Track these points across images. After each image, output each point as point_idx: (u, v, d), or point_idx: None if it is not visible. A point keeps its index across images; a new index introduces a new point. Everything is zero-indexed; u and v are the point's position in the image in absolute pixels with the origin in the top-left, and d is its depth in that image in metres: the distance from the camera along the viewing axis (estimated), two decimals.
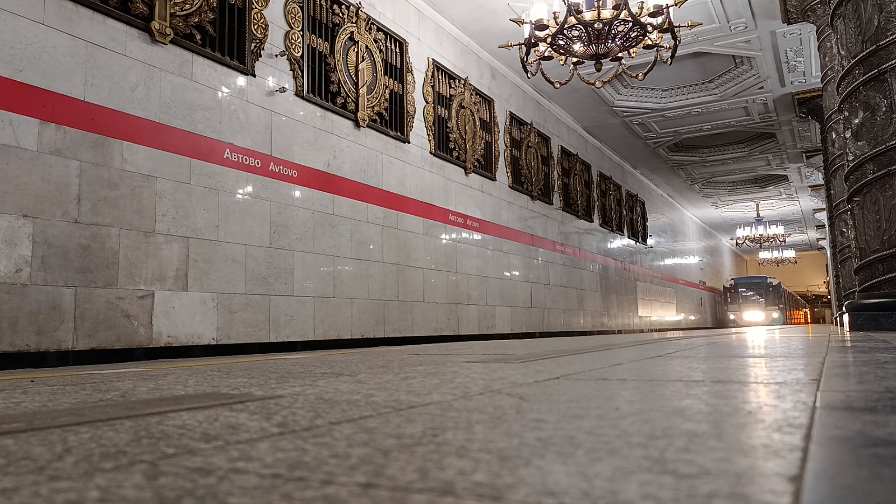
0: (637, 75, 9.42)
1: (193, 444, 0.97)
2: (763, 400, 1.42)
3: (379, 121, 9.42)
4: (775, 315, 33.93)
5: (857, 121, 6.12)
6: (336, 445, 0.95)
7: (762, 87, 14.87)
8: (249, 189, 7.26)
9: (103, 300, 5.87)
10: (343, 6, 8.88)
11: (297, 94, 8.02)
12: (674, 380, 1.93)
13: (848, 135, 6.37)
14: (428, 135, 10.55)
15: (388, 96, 9.63)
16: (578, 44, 8.34)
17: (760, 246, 31.88)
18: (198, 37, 6.81)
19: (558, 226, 15.31)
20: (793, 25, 11.53)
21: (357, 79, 9.00)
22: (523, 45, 8.58)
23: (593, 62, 8.59)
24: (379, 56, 9.48)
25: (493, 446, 0.93)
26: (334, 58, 8.62)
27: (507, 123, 13.26)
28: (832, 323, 19.46)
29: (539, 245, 14.23)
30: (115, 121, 6.05)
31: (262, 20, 7.58)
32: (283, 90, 7.78)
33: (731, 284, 35.61)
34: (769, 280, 35.56)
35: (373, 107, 9.24)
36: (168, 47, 6.55)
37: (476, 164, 11.85)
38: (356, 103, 8.93)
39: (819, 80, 12.40)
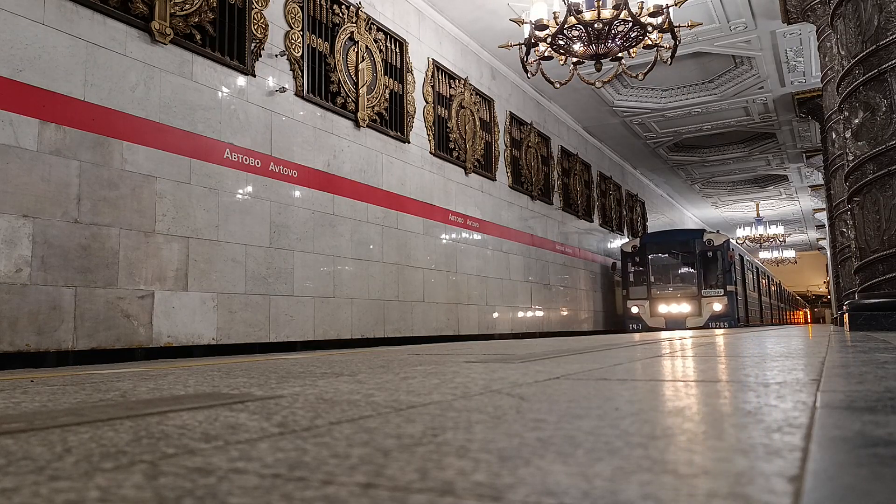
0: (637, 75, 9.42)
1: (193, 444, 0.97)
2: (763, 400, 1.42)
3: (379, 121, 9.42)
4: (718, 307, 17.10)
5: (857, 121, 6.12)
6: (336, 445, 0.95)
7: (762, 87, 14.88)
8: (249, 189, 7.26)
9: (103, 300, 5.87)
10: (343, 6, 8.88)
11: (297, 94, 8.02)
12: (674, 380, 1.94)
13: (848, 135, 6.37)
14: (428, 135, 10.55)
15: (388, 96, 9.63)
16: (578, 44, 8.34)
17: (760, 246, 31.86)
18: (198, 37, 6.81)
19: (558, 226, 15.31)
20: (793, 25, 11.53)
21: (357, 79, 9.00)
22: (523, 45, 8.59)
23: (593, 62, 8.59)
24: (379, 56, 9.48)
25: (493, 446, 0.93)
26: (334, 58, 8.62)
27: (507, 123, 13.26)
28: (832, 323, 19.47)
29: (539, 245, 14.23)
30: (115, 121, 6.05)
31: (262, 20, 7.58)
32: (283, 90, 7.78)
33: (633, 248, 18.43)
34: (707, 235, 18.23)
35: (373, 107, 9.24)
36: (168, 47, 6.55)
37: (476, 164, 11.85)
38: (356, 103, 8.93)
39: (819, 80, 12.40)
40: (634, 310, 17.64)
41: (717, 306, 16.86)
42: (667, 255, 18.29)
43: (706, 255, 17.66)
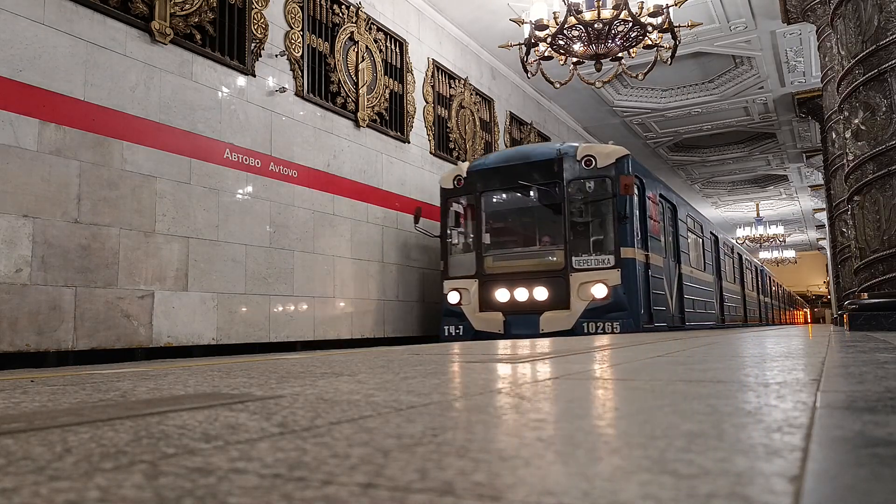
0: (637, 75, 9.41)
1: (193, 444, 0.97)
2: (763, 400, 1.42)
3: (379, 121, 9.42)
4: (601, 292, 8.89)
5: (857, 121, 6.12)
6: (336, 445, 0.95)
7: (762, 87, 14.88)
8: (249, 189, 7.26)
9: (103, 300, 5.87)
10: (343, 6, 8.87)
11: (297, 94, 8.02)
12: (674, 380, 1.94)
13: (848, 135, 6.37)
14: (428, 135, 10.55)
15: (388, 96, 9.63)
16: (578, 44, 8.34)
17: (760, 246, 31.86)
18: (198, 37, 6.81)
19: None
20: (793, 25, 11.53)
21: (357, 79, 9.00)
22: (523, 45, 8.59)
23: (593, 62, 8.60)
24: (379, 56, 9.48)
25: (492, 446, 0.93)
26: (334, 58, 8.62)
27: (507, 123, 13.26)
28: (832, 323, 19.47)
29: None
30: (115, 121, 6.05)
31: (262, 20, 7.58)
32: (283, 90, 7.78)
33: (457, 183, 9.77)
34: (584, 151, 9.24)
35: (373, 107, 9.24)
36: (168, 47, 6.55)
37: None
38: (356, 103, 8.93)
39: (819, 80, 12.40)
40: (453, 298, 9.53)
41: (600, 291, 8.90)
42: (512, 194, 10.07)
43: (584, 189, 9.44)
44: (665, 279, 10.68)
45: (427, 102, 10.56)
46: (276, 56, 7.79)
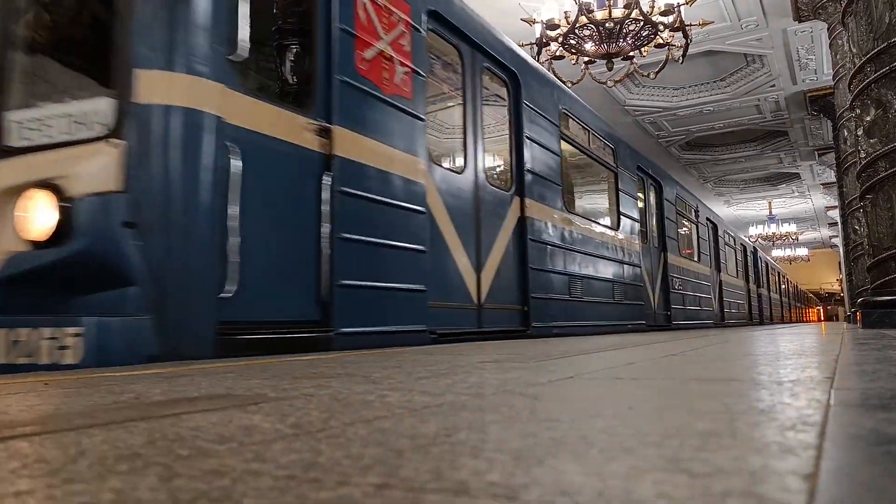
0: (649, 74, 9.41)
1: (208, 446, 0.97)
2: (776, 398, 1.41)
3: None
4: (35, 228, 2.88)
5: (869, 118, 6.09)
6: (350, 446, 0.95)
7: (774, 85, 14.81)
8: None
9: None
10: None
11: None
12: (687, 379, 1.93)
13: (860, 132, 6.34)
14: None
15: None
16: (590, 43, 8.34)
17: (773, 244, 31.71)
18: None
19: None
20: (804, 23, 11.48)
21: None
22: (535, 45, 8.59)
23: (605, 61, 8.59)
24: None
25: (506, 446, 0.94)
26: None
27: None
28: (846, 320, 19.35)
29: None
30: None
31: None
32: None
33: None
34: None
35: None
36: None
37: None
38: None
39: (831, 77, 12.33)
40: None
41: (36, 221, 3.00)
42: None
43: None
44: (468, 218, 5.43)
45: None
46: None
